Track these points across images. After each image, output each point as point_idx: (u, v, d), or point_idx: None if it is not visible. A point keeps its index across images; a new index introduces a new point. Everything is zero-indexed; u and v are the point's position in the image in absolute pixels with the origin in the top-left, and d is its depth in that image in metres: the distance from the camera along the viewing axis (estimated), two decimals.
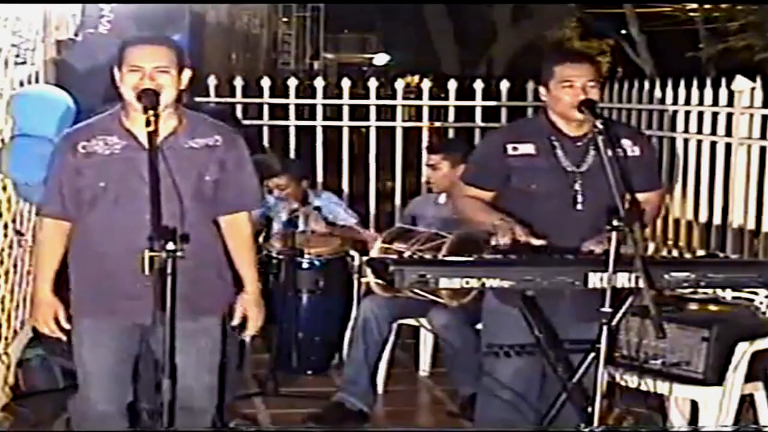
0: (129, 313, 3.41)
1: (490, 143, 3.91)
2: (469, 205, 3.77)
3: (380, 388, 5.42)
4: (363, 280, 5.96)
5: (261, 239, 6.14)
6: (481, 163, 3.85)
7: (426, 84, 7.33)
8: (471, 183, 3.81)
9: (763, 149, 5.67)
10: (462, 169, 5.06)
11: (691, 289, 4.16)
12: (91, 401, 3.49)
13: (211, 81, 6.90)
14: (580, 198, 3.64)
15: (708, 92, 6.00)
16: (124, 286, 3.36)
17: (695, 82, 6.13)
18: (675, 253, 6.29)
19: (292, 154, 7.08)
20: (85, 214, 3.41)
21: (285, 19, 21.37)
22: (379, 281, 4.80)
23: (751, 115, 5.71)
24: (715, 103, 5.95)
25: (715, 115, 5.98)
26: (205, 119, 3.53)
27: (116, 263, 3.36)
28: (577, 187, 3.64)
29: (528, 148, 3.68)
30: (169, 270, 3.01)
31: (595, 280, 3.32)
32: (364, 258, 5.94)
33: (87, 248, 3.44)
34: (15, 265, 5.02)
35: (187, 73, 3.39)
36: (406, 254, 4.90)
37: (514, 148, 3.69)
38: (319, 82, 7.17)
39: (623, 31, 14.75)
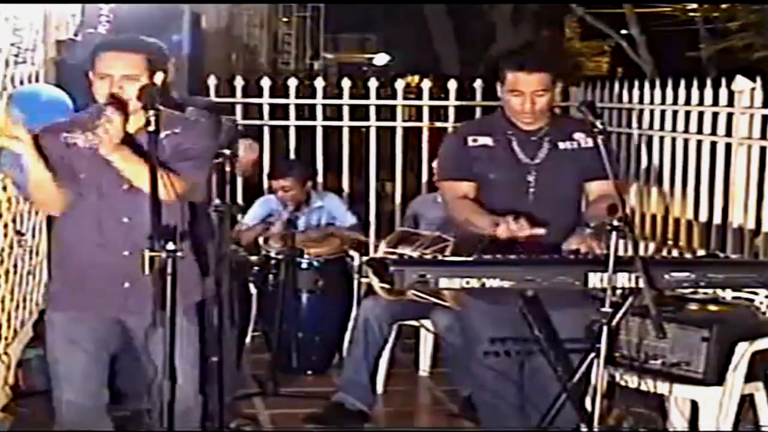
0: (102, 307, 3.44)
1: (452, 139, 4.03)
2: (464, 207, 3.80)
3: (380, 388, 5.43)
4: (363, 280, 5.97)
5: (261, 240, 6.15)
6: (451, 158, 3.93)
7: (426, 84, 7.32)
8: (451, 178, 3.88)
9: (763, 149, 5.66)
10: None
11: (691, 289, 4.16)
12: (64, 399, 3.49)
13: (211, 81, 6.90)
14: (532, 189, 3.75)
15: (708, 92, 5.99)
16: (97, 279, 3.40)
17: (695, 82, 6.13)
18: (675, 253, 6.28)
19: (292, 155, 7.08)
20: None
21: (285, 19, 21.34)
22: (384, 285, 4.80)
23: (751, 115, 5.71)
24: (715, 103, 5.94)
25: (715, 115, 5.97)
26: (176, 115, 3.56)
27: (89, 256, 3.40)
28: (530, 178, 3.76)
29: (486, 140, 3.82)
30: (169, 270, 3.02)
31: (595, 280, 3.34)
32: (364, 258, 5.95)
33: (63, 240, 3.49)
34: (15, 265, 5.02)
35: (160, 76, 3.41)
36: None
37: (474, 140, 3.83)
38: (319, 82, 7.17)
39: (623, 31, 14.72)
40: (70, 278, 3.48)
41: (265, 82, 7.05)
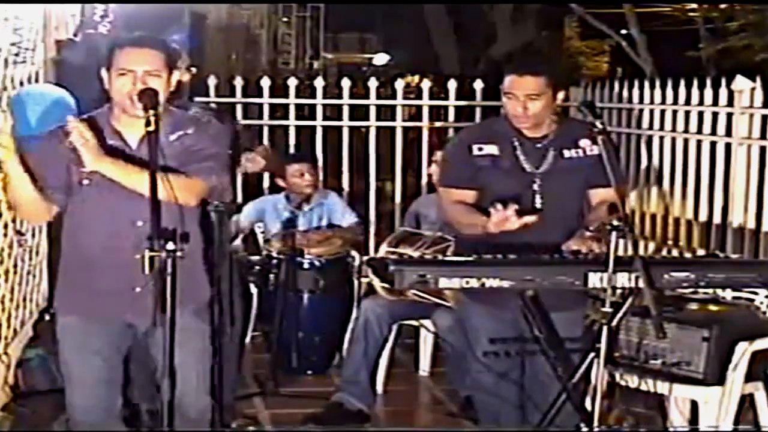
0: (111, 310, 3.40)
1: (457, 145, 3.99)
2: (457, 210, 3.79)
3: (380, 388, 5.42)
4: (363, 280, 5.97)
5: (261, 240, 6.15)
6: (454, 165, 3.90)
7: (426, 84, 7.33)
8: (452, 185, 3.86)
9: (763, 149, 5.67)
10: None
11: (691, 289, 4.16)
12: (77, 405, 3.45)
13: (211, 81, 6.90)
14: (538, 198, 3.74)
15: (708, 92, 5.99)
16: (108, 283, 3.36)
17: (695, 82, 6.13)
18: (675, 253, 6.28)
19: None
20: (71, 208, 3.40)
21: (285, 19, 21.38)
22: (385, 285, 4.80)
23: (751, 115, 5.71)
24: (715, 103, 5.95)
25: (715, 115, 5.97)
26: (186, 115, 3.55)
27: (100, 260, 3.36)
28: (535, 187, 3.74)
29: (492, 149, 3.78)
30: (169, 270, 3.02)
31: (595, 280, 3.33)
32: (365, 258, 5.95)
33: (71, 243, 3.44)
34: (15, 265, 5.02)
35: (175, 75, 3.39)
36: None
37: (480, 149, 3.78)
38: (319, 82, 7.17)
39: (623, 31, 14.74)
40: (80, 282, 3.42)
41: (265, 82, 7.05)
